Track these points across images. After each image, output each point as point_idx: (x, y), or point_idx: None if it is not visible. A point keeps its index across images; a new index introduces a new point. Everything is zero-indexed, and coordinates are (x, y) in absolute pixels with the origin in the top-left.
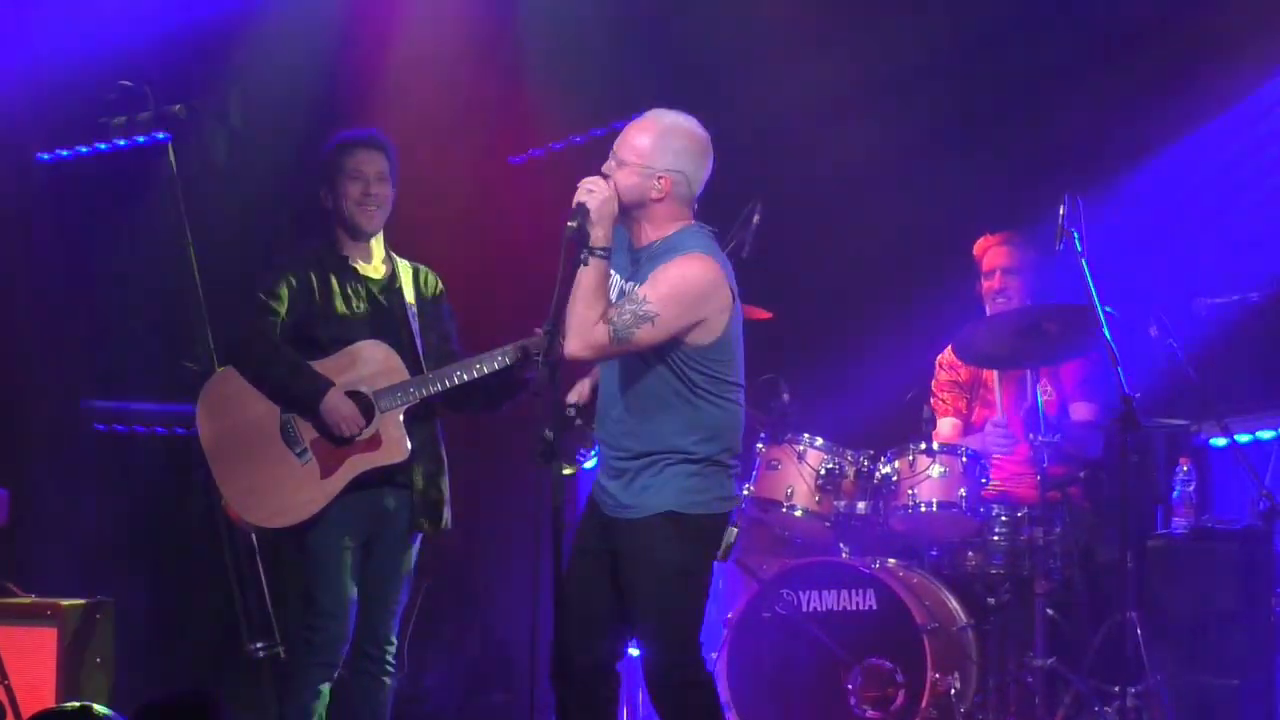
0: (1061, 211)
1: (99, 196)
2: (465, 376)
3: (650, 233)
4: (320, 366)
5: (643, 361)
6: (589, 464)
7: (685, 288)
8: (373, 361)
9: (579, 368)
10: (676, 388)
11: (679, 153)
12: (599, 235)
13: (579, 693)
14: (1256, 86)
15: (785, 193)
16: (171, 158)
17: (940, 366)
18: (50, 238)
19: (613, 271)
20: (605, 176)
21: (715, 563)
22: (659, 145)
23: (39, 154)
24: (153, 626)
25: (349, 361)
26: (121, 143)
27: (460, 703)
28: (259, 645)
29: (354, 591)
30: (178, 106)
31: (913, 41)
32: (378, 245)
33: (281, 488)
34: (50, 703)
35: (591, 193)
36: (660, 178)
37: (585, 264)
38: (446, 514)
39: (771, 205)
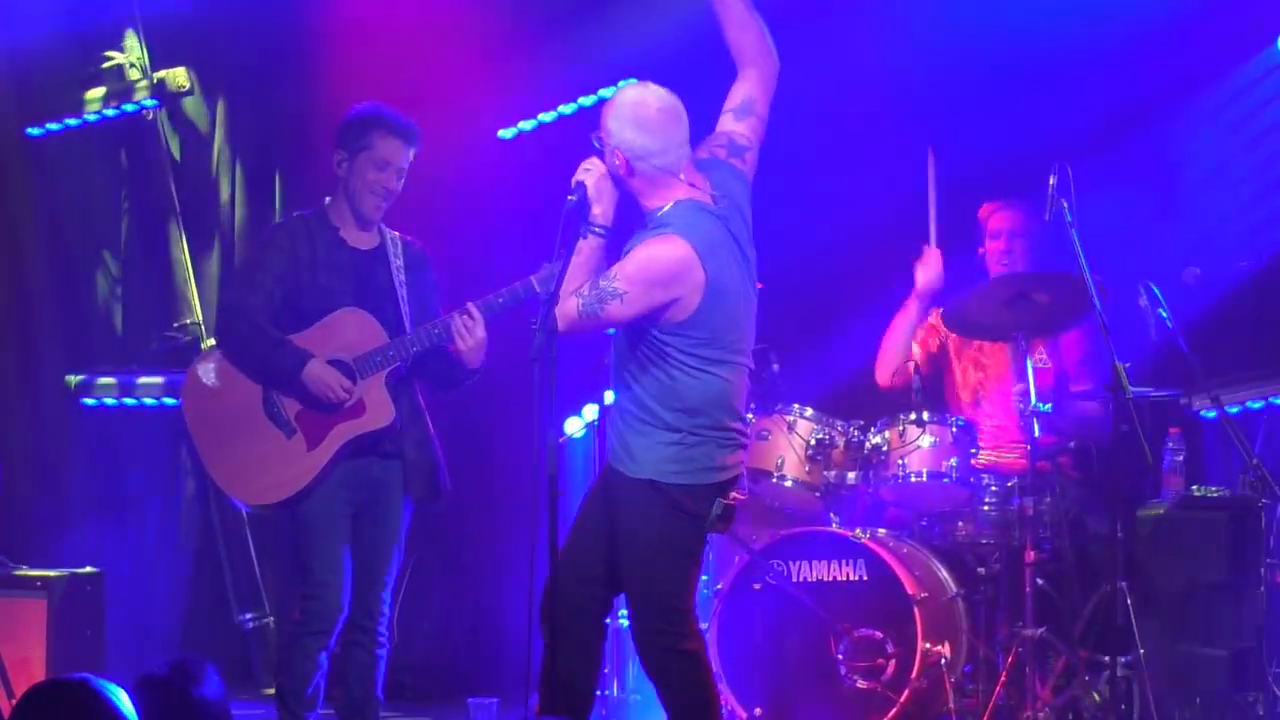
0: (1052, 181)
1: (87, 168)
2: (440, 332)
3: (645, 206)
4: (299, 339)
5: (627, 333)
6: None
7: (652, 268)
8: (350, 329)
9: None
10: (655, 359)
11: (623, 123)
12: (597, 213)
13: (562, 631)
14: (1248, 56)
15: (774, 161)
16: (161, 126)
17: (929, 331)
18: (37, 212)
19: None
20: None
21: (709, 533)
22: (612, 119)
23: (28, 128)
24: (142, 598)
25: (327, 332)
26: (111, 113)
27: (451, 673)
28: (248, 616)
29: (348, 562)
30: (173, 74)
31: (903, 12)
32: None
33: (271, 465)
34: (40, 674)
35: (588, 171)
36: (615, 151)
37: (584, 238)
38: (443, 480)
39: (761, 173)
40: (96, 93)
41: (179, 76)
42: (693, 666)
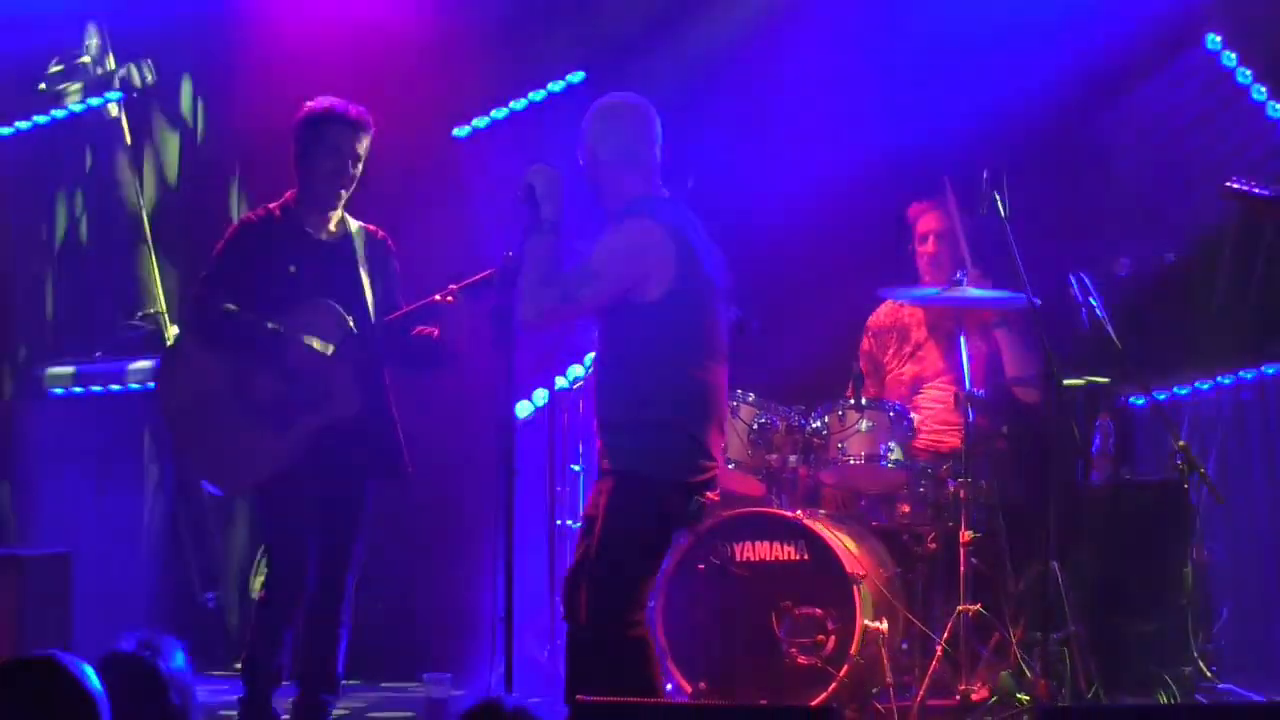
0: (985, 176)
1: (51, 162)
2: (403, 320)
3: (608, 208)
4: None
5: (605, 326)
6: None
7: (620, 244)
8: (317, 320)
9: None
10: (635, 349)
11: (590, 118)
12: (547, 210)
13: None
14: (1177, 53)
15: (721, 154)
16: (124, 120)
17: (868, 332)
18: (4, 208)
19: None
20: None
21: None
22: (584, 121)
23: None
24: (108, 578)
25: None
26: (77, 108)
27: (406, 650)
28: (210, 596)
29: (312, 543)
30: (136, 68)
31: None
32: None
33: (240, 450)
34: (8, 652)
35: (536, 173)
36: (581, 144)
37: (539, 233)
38: (404, 460)
39: (706, 167)
40: (60, 88)
41: (143, 71)
42: (620, 656)
